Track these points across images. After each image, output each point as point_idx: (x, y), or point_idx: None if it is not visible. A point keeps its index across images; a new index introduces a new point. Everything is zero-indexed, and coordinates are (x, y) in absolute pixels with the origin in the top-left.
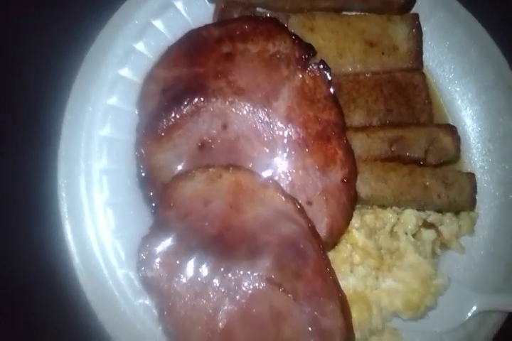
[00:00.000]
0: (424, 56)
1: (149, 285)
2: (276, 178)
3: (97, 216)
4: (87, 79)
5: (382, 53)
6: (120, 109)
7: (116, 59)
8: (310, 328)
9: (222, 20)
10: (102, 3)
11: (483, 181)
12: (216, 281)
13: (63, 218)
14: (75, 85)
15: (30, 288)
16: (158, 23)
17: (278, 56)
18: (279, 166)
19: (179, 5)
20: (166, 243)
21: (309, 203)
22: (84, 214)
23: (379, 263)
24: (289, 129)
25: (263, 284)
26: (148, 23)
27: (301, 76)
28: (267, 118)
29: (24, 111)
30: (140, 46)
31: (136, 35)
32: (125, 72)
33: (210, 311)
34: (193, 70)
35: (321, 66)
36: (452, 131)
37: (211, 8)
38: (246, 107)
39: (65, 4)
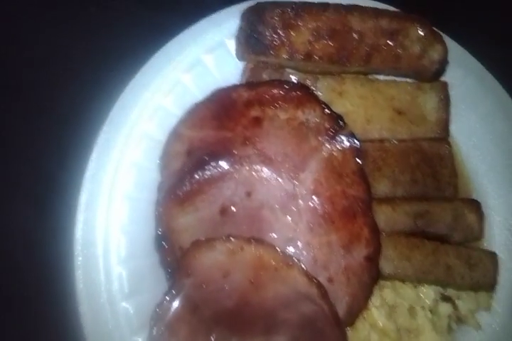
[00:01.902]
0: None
1: None
2: (298, 252)
3: (112, 277)
4: (112, 134)
5: (411, 122)
6: (143, 166)
7: (142, 115)
8: None
9: (252, 83)
10: (130, 57)
11: (504, 258)
12: None
13: (77, 276)
14: (99, 139)
15: None
16: (187, 79)
17: (307, 125)
18: (302, 240)
19: (209, 61)
20: (180, 312)
21: (330, 280)
22: (99, 274)
23: None
24: (314, 203)
25: None
26: (176, 79)
27: (329, 148)
28: (292, 190)
29: (45, 163)
30: (167, 102)
31: (165, 91)
32: (151, 129)
33: None
34: (220, 134)
35: (351, 138)
36: (477, 207)
37: (240, 65)
38: (272, 177)
39: (91, 57)
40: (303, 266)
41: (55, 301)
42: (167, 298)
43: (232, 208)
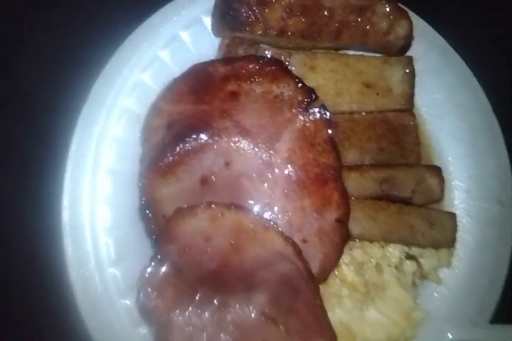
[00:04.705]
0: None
1: (148, 316)
2: (275, 216)
3: (99, 246)
4: (94, 110)
5: (377, 94)
6: (124, 140)
7: (122, 90)
8: None
9: (228, 58)
10: (108, 35)
11: (463, 219)
12: (213, 314)
13: (65, 244)
14: (81, 115)
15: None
16: (164, 55)
17: (281, 98)
18: (278, 205)
19: (186, 37)
20: (165, 275)
21: (304, 241)
22: (86, 243)
23: (365, 296)
24: (289, 170)
25: (257, 318)
26: (154, 55)
27: (302, 119)
28: (268, 159)
29: (30, 139)
30: (146, 78)
31: (143, 67)
32: (131, 104)
33: None
34: (198, 107)
35: (322, 110)
36: (438, 172)
37: (216, 41)
38: (249, 147)
39: (69, 36)
40: (279, 228)
41: (44, 268)
42: (153, 263)
43: (212, 178)
